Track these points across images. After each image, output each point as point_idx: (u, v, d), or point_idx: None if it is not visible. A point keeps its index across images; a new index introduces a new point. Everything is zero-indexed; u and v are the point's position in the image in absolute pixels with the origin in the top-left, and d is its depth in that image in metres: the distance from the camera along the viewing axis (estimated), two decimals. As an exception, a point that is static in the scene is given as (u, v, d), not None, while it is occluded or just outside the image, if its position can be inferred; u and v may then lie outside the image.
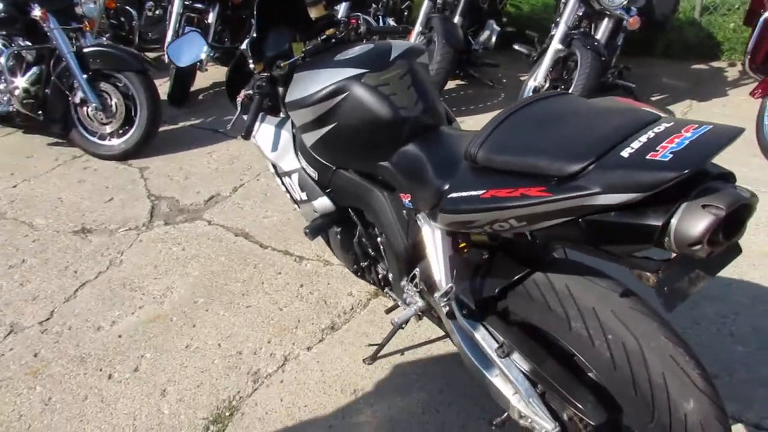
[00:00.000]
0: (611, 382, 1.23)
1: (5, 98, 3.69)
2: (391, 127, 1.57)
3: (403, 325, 1.74)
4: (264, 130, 1.99)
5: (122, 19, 5.22)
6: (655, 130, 1.03)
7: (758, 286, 2.29)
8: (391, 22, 4.62)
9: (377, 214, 1.72)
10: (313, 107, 1.65)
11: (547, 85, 3.53)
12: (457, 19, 4.09)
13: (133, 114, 3.59)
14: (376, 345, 2.03)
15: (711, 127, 1.01)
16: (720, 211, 0.91)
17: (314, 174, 1.84)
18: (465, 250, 1.55)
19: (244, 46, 1.91)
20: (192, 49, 1.98)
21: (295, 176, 1.91)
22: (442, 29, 3.79)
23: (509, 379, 1.40)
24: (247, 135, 1.80)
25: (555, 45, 3.47)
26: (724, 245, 0.96)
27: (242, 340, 2.18)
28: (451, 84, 4.68)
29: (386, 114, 1.56)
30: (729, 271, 2.36)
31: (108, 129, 3.61)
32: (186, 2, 4.27)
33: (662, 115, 1.11)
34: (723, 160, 0.98)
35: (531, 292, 1.35)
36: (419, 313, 1.72)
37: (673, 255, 1.06)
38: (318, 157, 1.78)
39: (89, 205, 3.17)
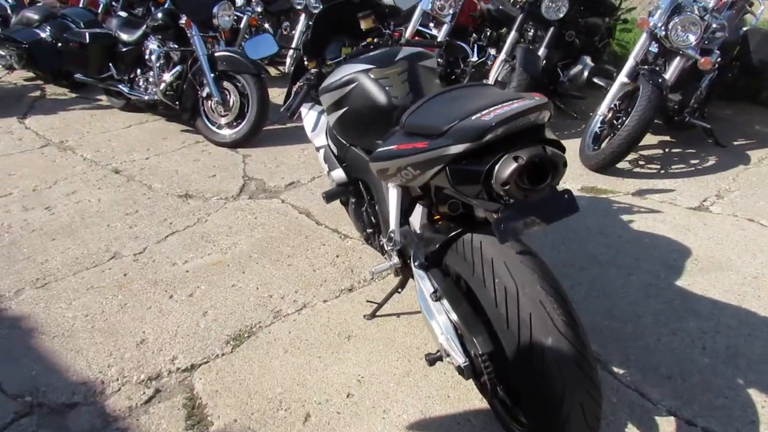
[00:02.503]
0: (493, 318, 1.52)
1: (153, 89, 4.56)
2: (384, 112, 1.96)
3: (378, 276, 2.10)
4: (310, 115, 2.47)
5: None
6: (505, 104, 1.33)
7: (752, 313, 2.35)
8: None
9: (374, 185, 2.11)
10: (332, 92, 2.09)
11: (610, 115, 3.69)
12: (542, 51, 4.36)
13: (245, 110, 4.27)
14: (376, 303, 2.40)
15: (532, 100, 1.30)
16: (522, 160, 1.20)
17: (335, 149, 2.28)
18: (439, 222, 1.90)
19: (301, 47, 2.41)
20: (264, 47, 2.51)
21: (322, 151, 2.36)
22: (523, 58, 4.09)
23: (437, 320, 1.72)
24: (292, 115, 2.29)
25: (621, 78, 3.64)
26: (532, 190, 1.25)
27: (276, 288, 2.65)
28: (537, 113, 4.93)
29: (382, 101, 1.96)
30: (730, 297, 2.44)
31: (224, 120, 4.33)
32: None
33: (533, 98, 1.37)
34: None
35: (458, 248, 1.67)
36: (397, 269, 2.07)
37: (512, 201, 1.35)
38: (337, 135, 2.22)
39: (196, 178, 3.86)
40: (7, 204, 3.54)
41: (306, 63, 2.37)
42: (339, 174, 2.27)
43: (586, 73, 4.68)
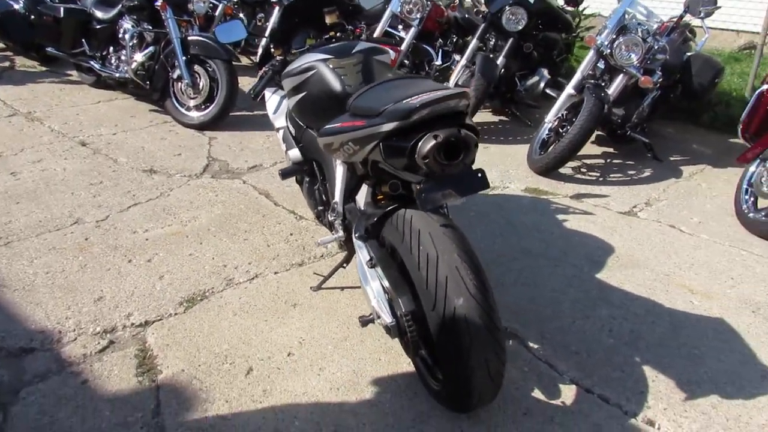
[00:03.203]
0: (416, 281, 1.74)
1: (124, 67, 4.67)
2: (338, 98, 2.16)
3: (323, 246, 2.30)
4: (272, 99, 2.66)
5: (235, 24, 6.20)
6: (431, 92, 1.56)
7: (658, 304, 2.63)
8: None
9: (326, 165, 2.31)
10: (293, 78, 2.29)
11: (556, 124, 3.97)
12: (500, 60, 4.63)
13: (214, 94, 4.43)
14: (322, 276, 2.60)
15: (452, 90, 1.54)
16: (440, 138, 1.43)
17: (293, 131, 2.47)
18: (381, 201, 2.11)
19: (268, 35, 2.60)
20: (234, 32, 2.69)
21: (281, 132, 2.56)
22: (481, 65, 4.35)
23: (371, 285, 1.93)
24: (256, 96, 2.49)
25: (568, 90, 3.93)
26: (449, 165, 1.47)
27: (230, 259, 2.83)
28: (494, 118, 5.21)
29: (336, 88, 2.16)
30: (641, 290, 2.72)
31: (192, 103, 4.48)
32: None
33: (455, 90, 1.60)
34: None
35: (393, 221, 1.89)
36: (341, 242, 2.28)
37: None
38: (295, 117, 2.41)
39: (162, 155, 4.00)
40: (-28, 167, 3.63)
41: (272, 50, 2.57)
42: (295, 153, 2.47)
43: (542, 85, 4.97)
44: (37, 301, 2.45)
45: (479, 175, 1.62)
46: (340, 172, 2.05)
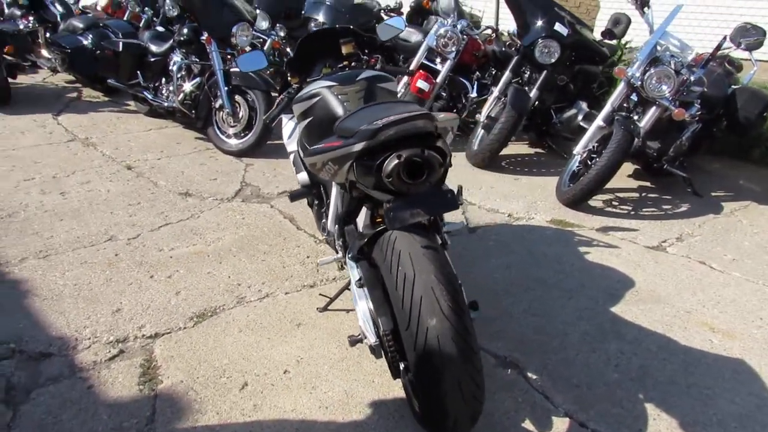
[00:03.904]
0: (393, 300, 1.76)
1: (173, 97, 4.96)
2: (339, 123, 2.24)
3: (321, 266, 2.35)
4: (288, 125, 2.77)
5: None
6: (398, 114, 1.59)
7: (674, 341, 2.52)
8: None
9: (329, 188, 2.38)
10: (301, 104, 2.39)
11: (585, 155, 3.92)
12: (533, 93, 4.62)
13: (253, 123, 4.62)
14: (328, 298, 2.65)
15: (415, 112, 1.57)
16: (401, 158, 1.47)
17: (302, 154, 2.56)
18: (380, 223, 2.15)
19: (285, 63, 2.73)
20: (256, 62, 2.83)
21: (293, 155, 2.65)
22: (512, 97, 4.36)
23: (359, 305, 1.96)
24: (270, 122, 2.60)
25: (598, 122, 3.88)
26: (413, 184, 1.50)
27: (245, 278, 2.92)
28: (529, 150, 5.19)
29: (338, 113, 2.24)
30: (657, 326, 2.62)
31: (232, 131, 4.68)
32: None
33: (418, 111, 1.64)
34: None
35: (380, 242, 1.92)
36: (341, 263, 2.32)
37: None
38: (304, 141, 2.50)
39: (199, 179, 4.20)
40: (28, 187, 3.92)
41: (289, 78, 2.69)
42: (303, 177, 2.55)
43: (580, 117, 4.91)
44: (61, 310, 2.60)
45: (449, 195, 1.64)
46: (334, 193, 2.11)
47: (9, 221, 3.40)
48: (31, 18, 6.93)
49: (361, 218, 2.17)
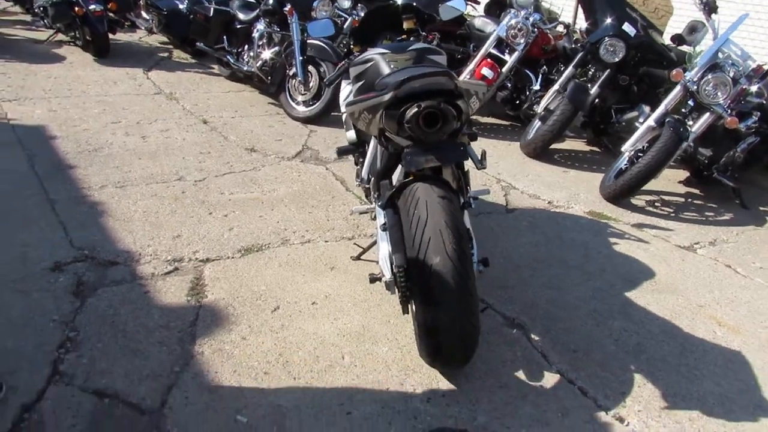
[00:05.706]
0: (407, 239, 2.00)
1: (252, 63, 5.35)
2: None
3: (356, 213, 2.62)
4: (345, 88, 3.04)
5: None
6: (421, 69, 1.83)
7: (678, 328, 2.64)
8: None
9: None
10: (357, 67, 2.65)
11: (633, 154, 4.00)
12: (594, 90, 4.69)
13: (322, 92, 4.94)
14: (362, 248, 2.92)
15: (437, 68, 1.79)
16: (420, 107, 1.70)
17: (350, 111, 2.83)
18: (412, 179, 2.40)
19: (349, 33, 3.01)
20: (324, 29, 3.13)
21: (345, 116, 2.93)
22: (571, 91, 4.47)
23: (380, 247, 2.22)
24: (329, 84, 2.89)
25: (649, 122, 3.94)
26: (428, 132, 1.74)
27: (292, 225, 3.24)
28: (585, 147, 5.27)
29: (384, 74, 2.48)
30: (666, 313, 2.75)
31: (301, 98, 5.02)
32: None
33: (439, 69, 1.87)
34: None
35: (405, 191, 2.16)
36: (373, 212, 2.58)
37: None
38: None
39: (265, 139, 4.56)
40: (115, 128, 4.39)
41: (352, 46, 2.96)
42: (351, 134, 2.83)
43: (641, 120, 4.94)
44: (130, 230, 2.99)
45: (461, 148, 1.86)
46: (371, 145, 2.37)
47: (95, 154, 3.87)
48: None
49: (395, 175, 2.42)
